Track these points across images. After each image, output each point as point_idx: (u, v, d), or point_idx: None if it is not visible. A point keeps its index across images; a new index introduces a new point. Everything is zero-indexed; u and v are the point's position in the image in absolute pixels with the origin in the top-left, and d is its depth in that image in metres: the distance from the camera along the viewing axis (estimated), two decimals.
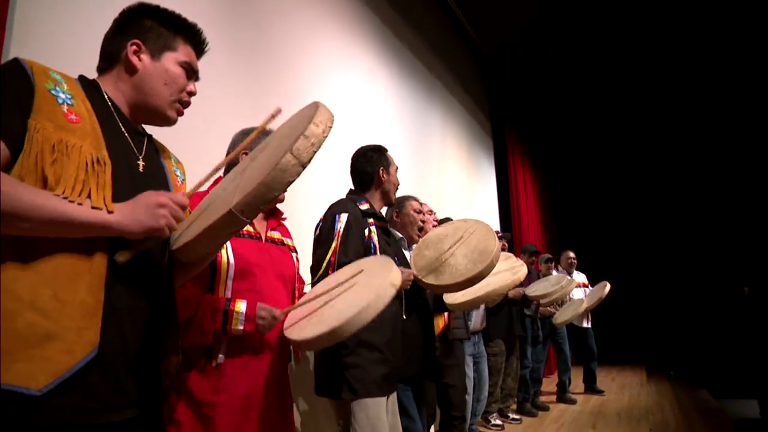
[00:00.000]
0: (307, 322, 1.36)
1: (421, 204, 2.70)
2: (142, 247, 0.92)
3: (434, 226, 2.70)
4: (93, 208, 0.85)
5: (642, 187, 9.96)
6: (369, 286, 1.34)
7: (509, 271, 2.59)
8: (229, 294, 1.38)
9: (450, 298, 2.48)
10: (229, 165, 1.60)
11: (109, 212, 0.87)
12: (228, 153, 1.64)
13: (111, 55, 1.05)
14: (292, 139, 0.92)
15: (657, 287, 9.41)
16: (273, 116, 1.03)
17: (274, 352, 1.45)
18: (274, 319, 1.36)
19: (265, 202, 0.92)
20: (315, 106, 0.98)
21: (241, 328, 1.33)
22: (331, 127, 0.95)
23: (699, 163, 9.21)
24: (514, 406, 4.55)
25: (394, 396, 1.95)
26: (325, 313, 1.34)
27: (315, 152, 0.92)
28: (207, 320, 1.31)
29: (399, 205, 2.57)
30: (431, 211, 2.96)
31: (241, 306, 1.34)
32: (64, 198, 0.83)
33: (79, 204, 0.84)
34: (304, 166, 0.91)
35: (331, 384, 1.78)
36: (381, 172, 2.11)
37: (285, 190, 0.92)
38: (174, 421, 1.29)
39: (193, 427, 1.30)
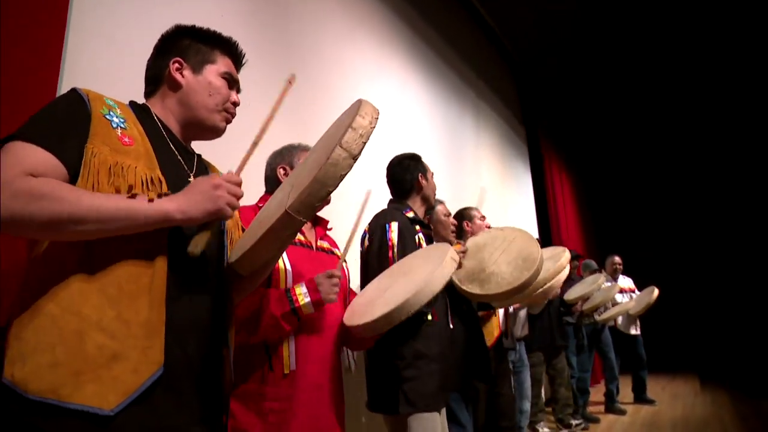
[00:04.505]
0: (370, 306, 1.37)
1: (472, 210, 2.76)
2: (209, 229, 0.93)
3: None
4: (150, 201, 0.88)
5: (690, 183, 9.50)
6: (428, 261, 1.33)
7: (551, 259, 2.47)
8: None
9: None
10: (267, 180, 1.65)
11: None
12: (265, 173, 1.68)
13: (155, 77, 1.09)
14: (340, 133, 0.92)
15: (708, 290, 8.95)
16: (290, 82, 1.06)
17: (334, 335, 1.47)
18: (330, 278, 1.37)
19: (320, 199, 0.91)
20: (358, 102, 0.99)
21: (308, 300, 1.34)
22: (377, 119, 0.95)
23: (753, 156, 8.74)
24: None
25: (443, 409, 1.92)
26: (387, 295, 1.34)
27: (364, 144, 0.91)
28: (275, 305, 1.32)
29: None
30: (483, 216, 2.96)
31: (299, 286, 1.36)
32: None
33: (134, 196, 0.86)
34: (355, 158, 0.90)
35: (387, 398, 1.76)
36: (420, 178, 2.11)
37: (338, 185, 0.91)
38: None
39: None
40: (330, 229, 1.68)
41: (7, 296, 1.17)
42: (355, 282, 2.01)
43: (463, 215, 2.85)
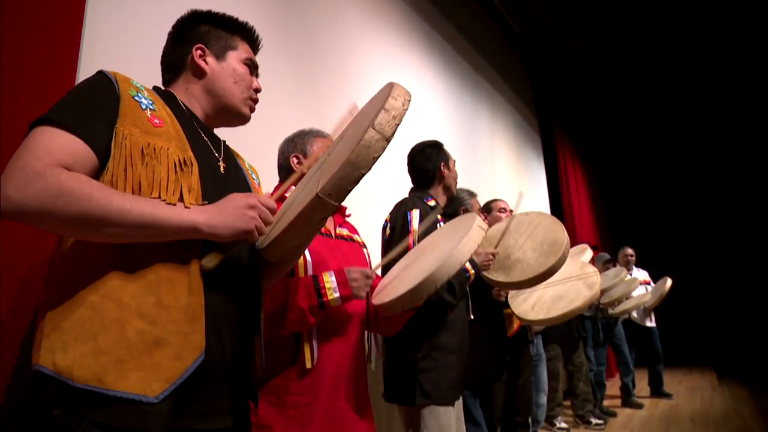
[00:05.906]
0: (398, 282, 1.35)
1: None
2: (229, 252, 0.90)
3: None
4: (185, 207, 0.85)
5: (706, 174, 9.33)
6: (455, 233, 1.33)
7: (582, 281, 2.42)
8: None
9: (527, 317, 2.40)
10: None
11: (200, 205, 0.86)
12: (278, 162, 1.62)
13: (175, 65, 1.06)
14: (372, 115, 0.89)
15: (724, 283, 8.83)
16: (350, 112, 1.02)
17: (359, 327, 1.43)
18: (367, 278, 1.32)
19: (352, 182, 0.89)
20: (390, 85, 0.96)
21: (337, 295, 1.29)
22: (409, 101, 0.93)
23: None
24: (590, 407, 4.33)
25: (459, 401, 1.90)
26: (415, 270, 1.32)
27: (397, 125, 0.89)
28: (302, 298, 1.27)
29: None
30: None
31: (329, 276, 1.31)
32: (156, 199, 0.83)
33: (170, 204, 0.84)
34: (388, 140, 0.88)
35: (403, 389, 1.74)
36: (442, 167, 2.08)
37: (371, 168, 0.89)
38: (264, 427, 1.26)
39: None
40: (349, 216, 1.63)
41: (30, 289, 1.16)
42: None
43: (491, 207, 2.84)
